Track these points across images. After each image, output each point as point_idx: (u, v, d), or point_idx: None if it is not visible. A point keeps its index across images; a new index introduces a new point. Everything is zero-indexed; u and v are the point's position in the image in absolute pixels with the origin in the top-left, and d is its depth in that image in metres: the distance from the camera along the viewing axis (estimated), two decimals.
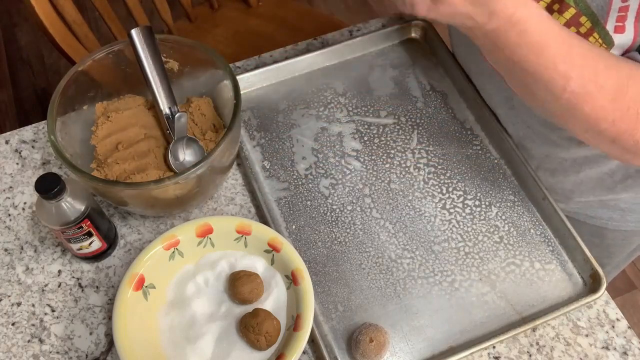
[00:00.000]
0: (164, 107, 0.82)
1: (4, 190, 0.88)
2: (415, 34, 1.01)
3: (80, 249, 0.78)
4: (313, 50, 0.98)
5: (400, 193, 0.86)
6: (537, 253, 0.82)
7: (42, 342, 0.77)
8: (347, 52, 0.99)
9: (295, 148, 0.90)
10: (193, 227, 0.77)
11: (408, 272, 0.80)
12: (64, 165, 0.77)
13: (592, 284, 0.79)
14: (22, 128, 0.93)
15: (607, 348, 0.76)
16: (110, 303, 0.78)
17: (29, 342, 0.77)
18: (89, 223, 0.75)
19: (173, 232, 0.77)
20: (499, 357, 0.75)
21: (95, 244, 0.78)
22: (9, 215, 0.86)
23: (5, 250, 0.83)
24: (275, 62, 0.97)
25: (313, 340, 0.75)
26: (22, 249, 0.83)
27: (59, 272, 0.81)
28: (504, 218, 0.84)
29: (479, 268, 0.80)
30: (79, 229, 0.74)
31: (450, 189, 0.86)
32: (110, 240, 0.81)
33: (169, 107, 0.82)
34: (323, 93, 0.96)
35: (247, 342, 0.72)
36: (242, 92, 0.79)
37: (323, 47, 0.98)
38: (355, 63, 0.99)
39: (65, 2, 1.11)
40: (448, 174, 0.88)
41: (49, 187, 0.69)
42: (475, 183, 0.87)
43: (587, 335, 0.77)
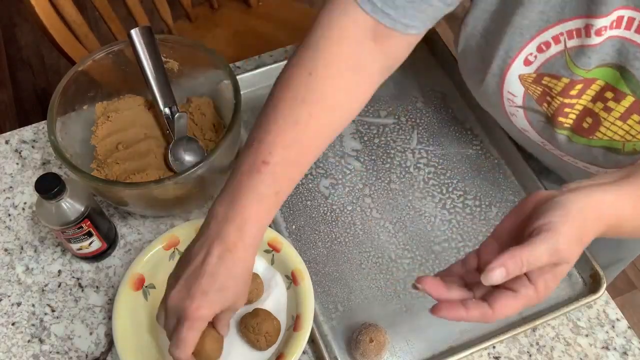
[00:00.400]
0: (164, 107, 0.82)
1: (4, 190, 0.88)
2: None
3: (80, 249, 0.78)
4: None
5: (400, 193, 0.86)
6: None
7: (42, 342, 0.77)
8: None
9: None
10: (193, 227, 0.77)
11: (408, 272, 0.80)
12: (64, 165, 0.77)
13: (592, 284, 0.79)
14: (22, 128, 0.93)
15: (607, 348, 0.76)
16: (110, 303, 0.78)
17: (29, 342, 0.77)
18: (89, 223, 0.75)
19: (173, 232, 0.77)
20: (499, 357, 0.75)
21: (95, 244, 0.78)
22: (9, 215, 0.86)
23: (5, 250, 0.83)
24: (275, 62, 0.97)
25: (313, 340, 0.75)
26: (22, 249, 0.83)
27: (59, 272, 0.81)
28: None
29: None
30: (79, 229, 0.74)
31: (450, 189, 0.86)
32: (110, 240, 0.81)
33: (169, 107, 0.82)
34: None
35: (247, 342, 0.72)
36: (242, 92, 0.79)
37: None
38: None
39: (65, 2, 1.10)
40: (448, 174, 0.88)
41: (49, 187, 0.69)
42: (475, 183, 0.87)
43: (587, 335, 0.76)
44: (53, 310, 0.79)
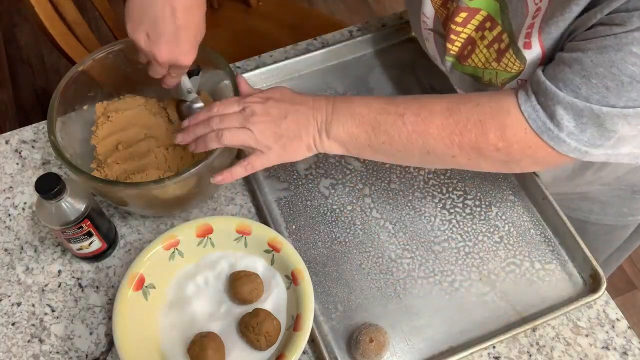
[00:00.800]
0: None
1: (4, 190, 0.88)
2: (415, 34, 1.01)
3: (80, 249, 0.78)
4: (313, 50, 0.98)
5: (400, 193, 0.86)
6: (537, 253, 0.82)
7: (42, 342, 0.77)
8: (347, 52, 0.99)
9: None
10: (193, 227, 0.77)
11: (408, 272, 0.80)
12: (64, 165, 0.77)
13: (592, 284, 0.79)
14: (22, 128, 0.93)
15: (607, 348, 0.76)
16: (110, 303, 0.78)
17: (29, 342, 0.77)
18: (89, 223, 0.75)
19: (173, 232, 0.77)
20: (499, 357, 0.75)
21: (95, 244, 0.78)
22: (9, 215, 0.86)
23: (5, 250, 0.83)
24: (275, 62, 0.97)
25: (313, 340, 0.75)
26: (22, 249, 0.83)
27: (59, 272, 0.81)
28: (504, 218, 0.84)
29: (479, 268, 0.80)
30: (79, 229, 0.74)
31: (450, 189, 0.86)
32: (110, 240, 0.81)
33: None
34: (323, 93, 0.96)
35: (247, 342, 0.72)
36: None
37: (323, 47, 0.98)
38: (355, 63, 0.99)
39: (65, 2, 1.11)
40: (448, 174, 0.88)
41: (49, 187, 0.69)
42: (475, 183, 0.87)
43: (587, 335, 0.77)
44: (53, 310, 0.79)
